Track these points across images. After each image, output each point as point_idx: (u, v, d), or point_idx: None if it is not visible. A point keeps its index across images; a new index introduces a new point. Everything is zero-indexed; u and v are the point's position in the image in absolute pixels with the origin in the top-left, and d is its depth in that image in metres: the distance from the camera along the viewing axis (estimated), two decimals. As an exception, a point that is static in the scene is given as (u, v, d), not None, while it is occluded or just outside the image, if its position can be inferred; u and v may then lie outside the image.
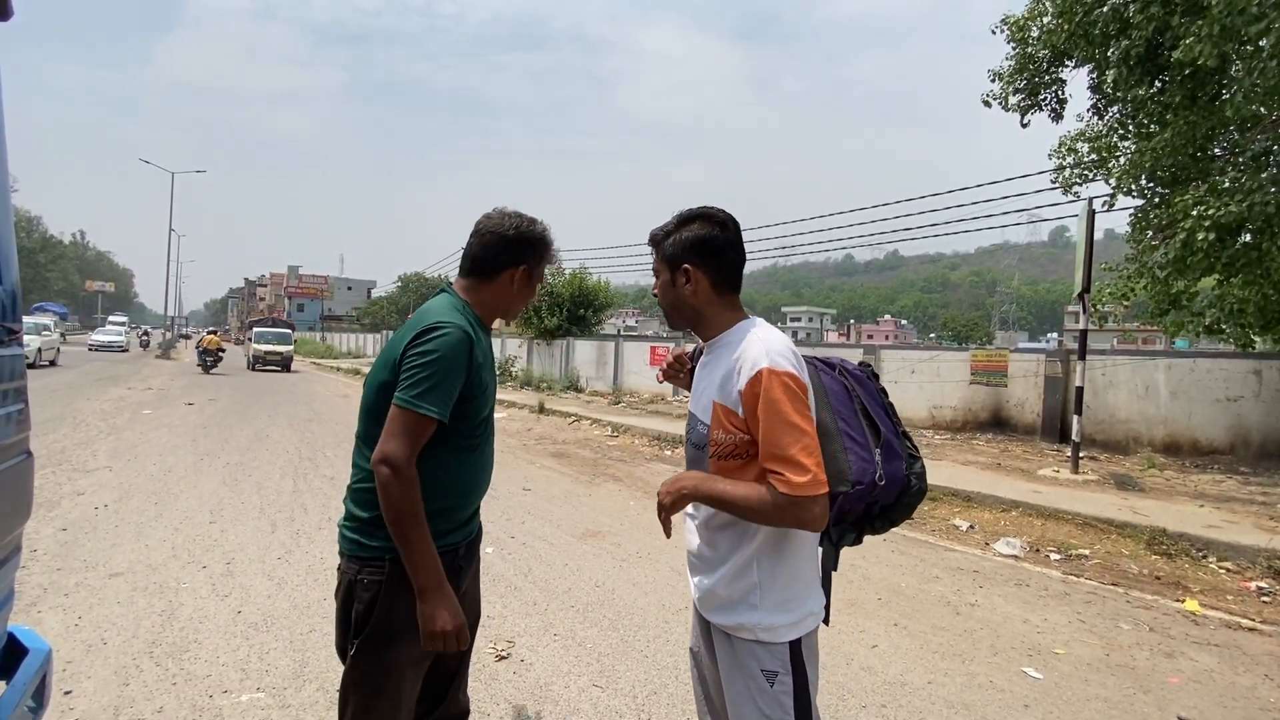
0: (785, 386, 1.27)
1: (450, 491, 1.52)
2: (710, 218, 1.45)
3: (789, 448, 1.23)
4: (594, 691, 2.70)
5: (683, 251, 1.43)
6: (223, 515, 5.03)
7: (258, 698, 2.55)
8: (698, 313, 1.46)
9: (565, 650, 3.06)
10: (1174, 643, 3.44)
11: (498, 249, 1.58)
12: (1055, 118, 10.29)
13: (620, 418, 12.01)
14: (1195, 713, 2.73)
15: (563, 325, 20.55)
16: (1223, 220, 7.00)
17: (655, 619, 3.45)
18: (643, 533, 5.11)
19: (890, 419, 1.49)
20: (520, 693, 2.67)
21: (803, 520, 1.26)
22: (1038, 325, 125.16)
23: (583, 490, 6.58)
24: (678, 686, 2.75)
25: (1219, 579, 4.47)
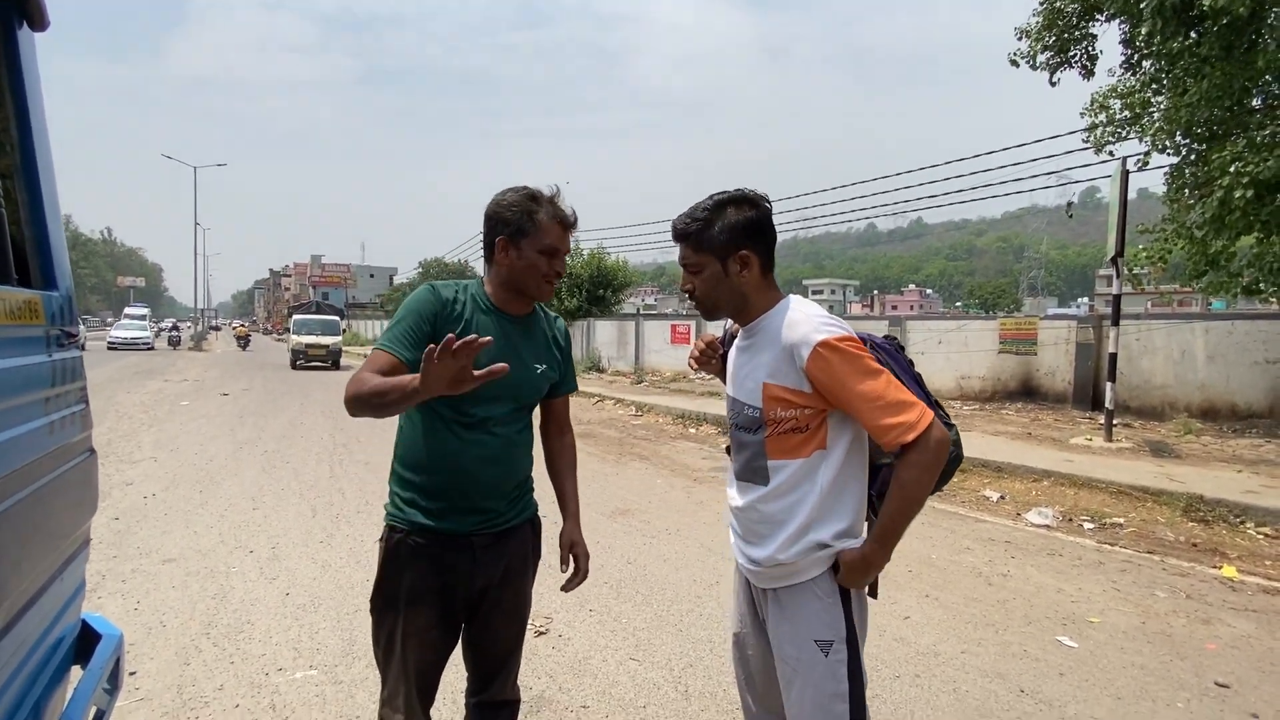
0: (849, 350, 1.31)
1: (419, 463, 1.55)
2: (747, 199, 1.43)
3: (888, 393, 1.28)
4: (631, 665, 2.78)
5: (737, 236, 1.40)
6: (264, 502, 5.20)
7: (311, 675, 2.67)
8: (745, 298, 1.44)
9: (601, 625, 3.14)
10: (1211, 609, 3.41)
11: (485, 229, 1.60)
12: (1086, 75, 9.89)
13: (643, 397, 12.07)
14: (1233, 678, 2.72)
15: (583, 306, 20.60)
16: (1261, 176, 6.73)
17: (688, 594, 3.52)
18: (671, 510, 5.18)
19: (921, 389, 1.48)
20: (560, 667, 2.76)
21: (943, 446, 1.29)
22: (1067, 290, 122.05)
23: (610, 470, 6.67)
24: (713, 659, 2.82)
25: (1257, 544, 4.40)
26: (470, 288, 1.63)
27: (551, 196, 1.59)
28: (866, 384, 1.28)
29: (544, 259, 1.56)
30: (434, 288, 1.57)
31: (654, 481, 6.19)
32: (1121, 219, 7.27)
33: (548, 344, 1.71)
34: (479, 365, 1.47)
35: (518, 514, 1.68)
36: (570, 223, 1.61)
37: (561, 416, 1.84)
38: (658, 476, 6.40)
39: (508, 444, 1.60)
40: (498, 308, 1.61)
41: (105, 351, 26.23)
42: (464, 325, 1.54)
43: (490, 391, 1.53)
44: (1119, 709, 2.50)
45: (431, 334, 1.51)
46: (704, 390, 13.06)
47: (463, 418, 1.54)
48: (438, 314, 1.53)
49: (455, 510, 1.56)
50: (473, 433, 1.55)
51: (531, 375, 1.64)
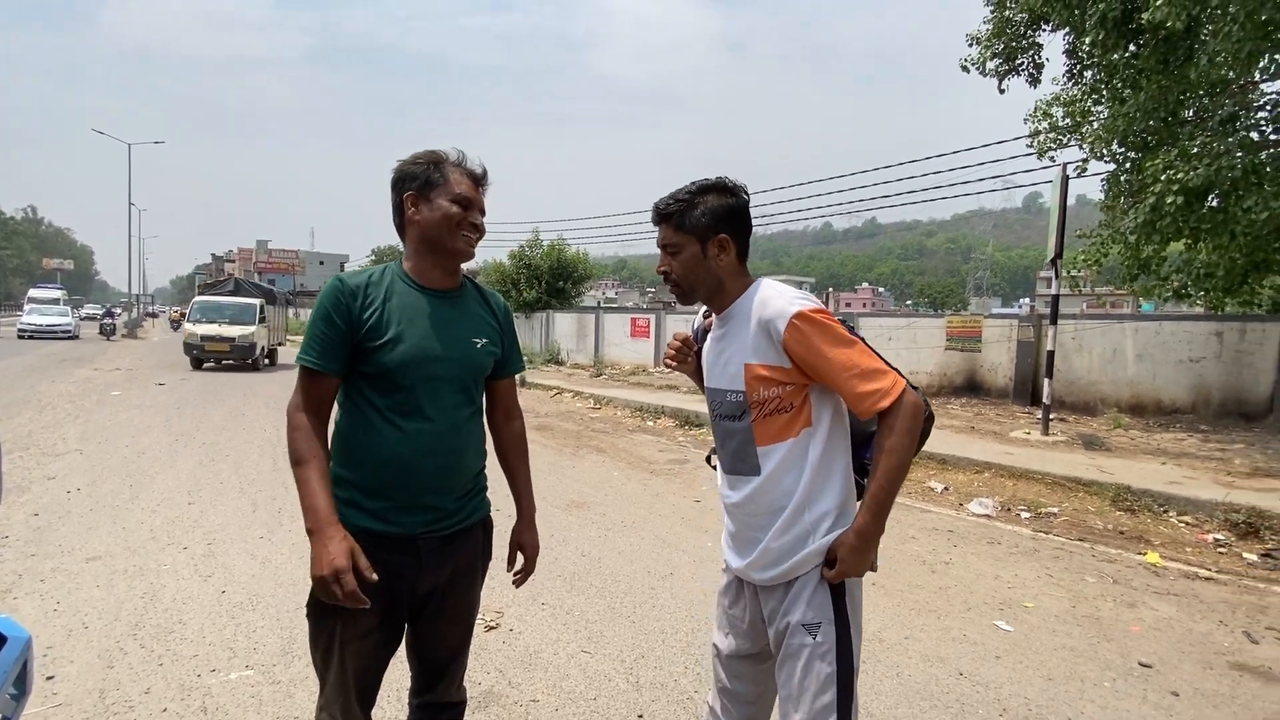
0: (821, 319, 1.33)
1: (357, 460, 1.46)
2: (729, 188, 1.47)
3: (862, 361, 1.30)
4: (583, 657, 2.76)
5: (716, 221, 1.44)
6: (201, 496, 4.96)
7: (247, 675, 2.56)
8: (720, 282, 1.47)
9: (553, 619, 3.11)
10: (1136, 593, 3.60)
11: (392, 194, 1.53)
12: (1032, 82, 10.29)
13: (602, 390, 12.04)
14: (1155, 658, 2.88)
15: (541, 298, 20.40)
16: (1191, 184, 7.12)
17: (642, 586, 3.52)
18: (627, 503, 5.17)
19: None
20: (510, 661, 2.72)
21: (918, 408, 1.31)
22: (1010, 291, 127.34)
23: (567, 462, 6.62)
24: (665, 650, 2.83)
25: (1179, 532, 4.68)
26: (390, 268, 1.54)
27: (459, 157, 1.54)
28: (842, 352, 1.30)
29: (457, 208, 1.48)
30: (341, 280, 1.47)
31: (610, 474, 6.17)
32: (1061, 223, 7.59)
33: (484, 319, 1.62)
34: (402, 338, 1.44)
35: (469, 514, 1.59)
36: (480, 176, 1.55)
37: (508, 400, 1.76)
38: (614, 469, 6.39)
39: (454, 432, 1.50)
40: (421, 283, 1.52)
41: (18, 340, 22.97)
42: (384, 308, 1.45)
43: (429, 372, 1.47)
44: (1050, 689, 2.61)
45: (348, 331, 1.43)
46: (662, 384, 13.11)
47: (401, 405, 1.45)
48: (349, 308, 1.43)
49: (399, 509, 1.46)
50: (413, 421, 1.45)
51: (471, 351, 1.54)
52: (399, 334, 1.45)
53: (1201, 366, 8.91)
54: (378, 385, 1.46)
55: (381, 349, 1.43)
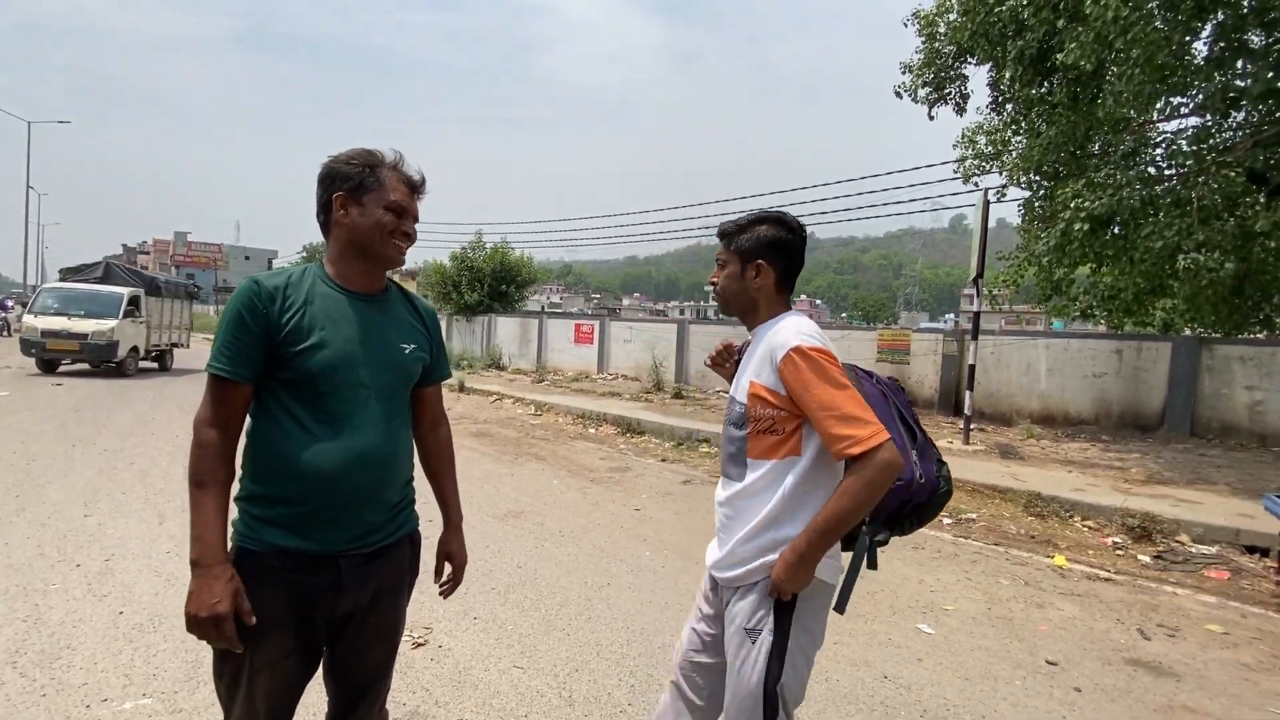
0: (817, 358, 1.40)
1: (275, 473, 1.35)
2: (784, 222, 1.60)
3: (843, 405, 1.35)
4: (515, 673, 2.69)
5: (759, 247, 1.57)
6: (99, 508, 4.58)
7: (144, 704, 2.36)
8: (755, 303, 1.59)
9: (485, 633, 3.02)
10: (1044, 594, 3.83)
11: (319, 195, 1.44)
12: (959, 111, 10.92)
13: (544, 396, 11.89)
14: (1060, 656, 3.06)
15: (484, 301, 20.01)
16: (1096, 212, 7.71)
17: (578, 597, 3.47)
18: (566, 512, 5.11)
19: (917, 428, 1.59)
20: (438, 680, 2.62)
21: (890, 468, 1.32)
22: (938, 306, 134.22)
23: (505, 470, 6.49)
24: (600, 663, 2.79)
25: (1083, 535, 5.02)
26: (310, 269, 1.46)
27: (396, 160, 1.48)
28: (827, 391, 1.36)
29: (391, 216, 1.42)
30: (256, 281, 1.38)
31: (550, 482, 6.09)
32: (982, 244, 8.05)
33: (412, 324, 1.56)
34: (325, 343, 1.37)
35: (396, 529, 1.52)
36: (417, 184, 1.49)
37: (435, 407, 1.69)
38: (554, 477, 6.31)
39: (381, 442, 1.42)
40: (344, 286, 1.45)
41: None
42: (305, 311, 1.37)
43: (354, 379, 1.39)
44: (966, 689, 2.74)
45: (263, 336, 1.34)
46: (605, 390, 13.08)
47: (323, 414, 1.37)
48: (266, 311, 1.34)
49: (321, 526, 1.37)
50: (337, 431, 1.37)
51: (400, 356, 1.48)
52: (322, 339, 1.37)
53: (1104, 381, 9.63)
54: (298, 393, 1.37)
55: (303, 354, 1.35)
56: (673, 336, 14.73)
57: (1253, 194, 7.51)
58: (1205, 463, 7.32)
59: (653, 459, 7.49)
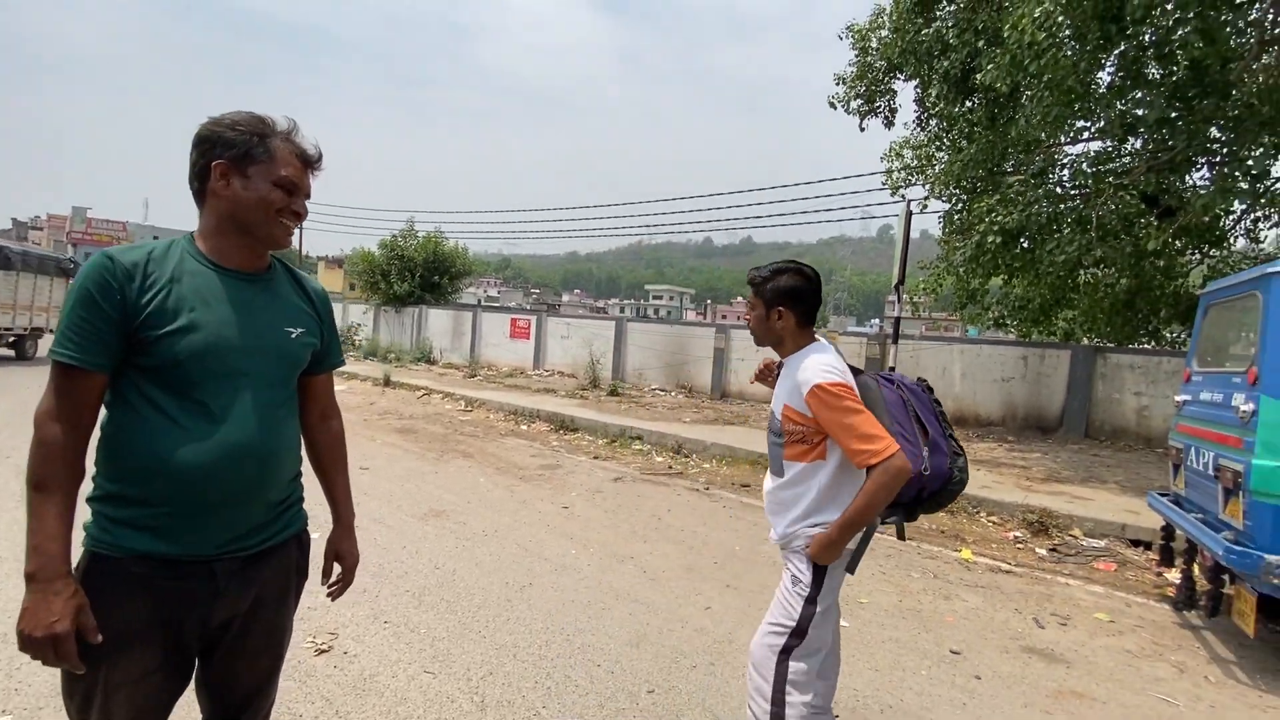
0: (836, 391, 1.75)
1: (137, 470, 1.21)
2: (802, 273, 1.93)
3: (860, 426, 1.72)
4: (425, 678, 2.57)
5: (778, 297, 1.92)
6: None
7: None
8: (781, 339, 1.96)
9: (396, 638, 2.88)
10: (951, 587, 4.02)
11: (194, 159, 1.28)
12: (888, 124, 11.40)
13: (476, 392, 11.59)
14: (964, 646, 3.21)
15: (415, 292, 19.31)
16: (1008, 226, 8.21)
17: (498, 598, 3.37)
18: (491, 511, 4.97)
19: (940, 423, 1.96)
20: (340, 688, 2.47)
21: (901, 474, 1.69)
22: (864, 311, 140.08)
23: (429, 467, 6.25)
24: (515, 665, 2.71)
25: (988, 530, 5.31)
26: (179, 243, 1.31)
27: (289, 129, 1.33)
28: (844, 420, 1.74)
29: (280, 193, 1.29)
30: (110, 256, 1.22)
31: (476, 480, 5.91)
32: (904, 253, 8.41)
33: (299, 306, 1.43)
34: (195, 326, 1.23)
35: (280, 530, 1.40)
36: (313, 160, 1.36)
37: (325, 398, 1.57)
38: (481, 475, 6.13)
39: (263, 436, 1.29)
40: (219, 263, 1.30)
41: None
42: (171, 290, 1.22)
43: (230, 366, 1.26)
44: (875, 679, 2.82)
45: (119, 319, 1.18)
46: (540, 387, 12.88)
47: (194, 405, 1.23)
48: (122, 290, 1.19)
49: (191, 528, 1.24)
50: (210, 424, 1.24)
51: (284, 342, 1.35)
52: (192, 321, 1.22)
53: (1011, 385, 10.27)
54: (163, 381, 1.22)
55: (168, 338, 1.20)
56: (611, 334, 14.68)
57: (1146, 215, 8.18)
58: (1098, 462, 7.91)
59: (585, 456, 7.41)
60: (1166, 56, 7.18)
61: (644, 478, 6.51)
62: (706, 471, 6.94)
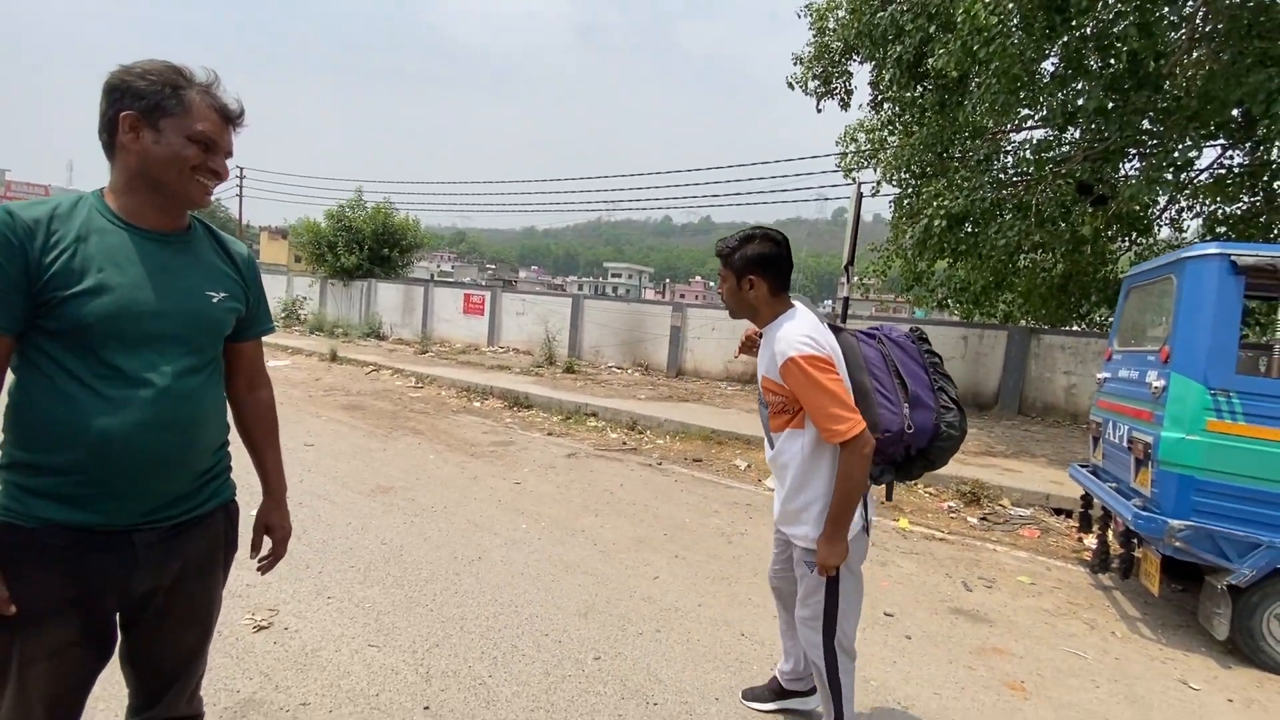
0: (810, 366, 1.76)
1: (46, 437, 1.17)
2: (769, 238, 1.92)
3: (827, 405, 1.75)
4: (369, 652, 2.55)
5: (748, 266, 1.91)
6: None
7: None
8: (755, 309, 1.94)
9: (339, 613, 2.84)
10: (888, 554, 4.20)
11: (103, 109, 1.20)
12: (843, 106, 11.50)
13: (427, 368, 11.35)
14: (897, 609, 3.38)
15: (363, 265, 18.68)
16: (953, 211, 8.47)
17: (445, 572, 3.35)
18: (440, 487, 4.92)
19: (929, 375, 1.96)
20: (280, 663, 2.42)
21: (864, 450, 1.74)
22: (819, 292, 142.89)
23: (377, 444, 6.12)
24: (462, 636, 2.71)
25: (924, 501, 5.57)
26: (86, 200, 1.24)
27: (209, 81, 1.26)
28: (815, 395, 1.76)
29: (195, 149, 1.22)
30: (9, 212, 1.14)
31: (426, 457, 5.83)
32: (854, 235, 8.59)
33: (220, 269, 1.36)
34: (104, 288, 1.16)
35: (205, 500, 1.36)
36: (234, 115, 1.29)
37: (254, 366, 1.52)
38: (431, 451, 6.04)
39: (181, 402, 1.25)
40: (130, 222, 1.24)
41: None
42: (77, 250, 1.16)
43: (144, 330, 1.20)
44: (815, 643, 2.94)
45: (20, 279, 1.12)
46: (495, 364, 12.71)
47: (106, 370, 1.18)
48: (23, 247, 1.12)
49: (107, 497, 1.20)
50: (124, 389, 1.19)
51: (205, 306, 1.29)
52: (100, 283, 1.16)
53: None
54: (71, 346, 1.17)
55: (73, 301, 1.14)
56: (568, 311, 14.56)
57: (1081, 203, 8.56)
58: (1028, 437, 8.36)
59: (539, 433, 7.39)
60: (1106, 48, 7.46)
61: (597, 453, 6.54)
62: (660, 447, 7.02)
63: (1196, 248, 3.27)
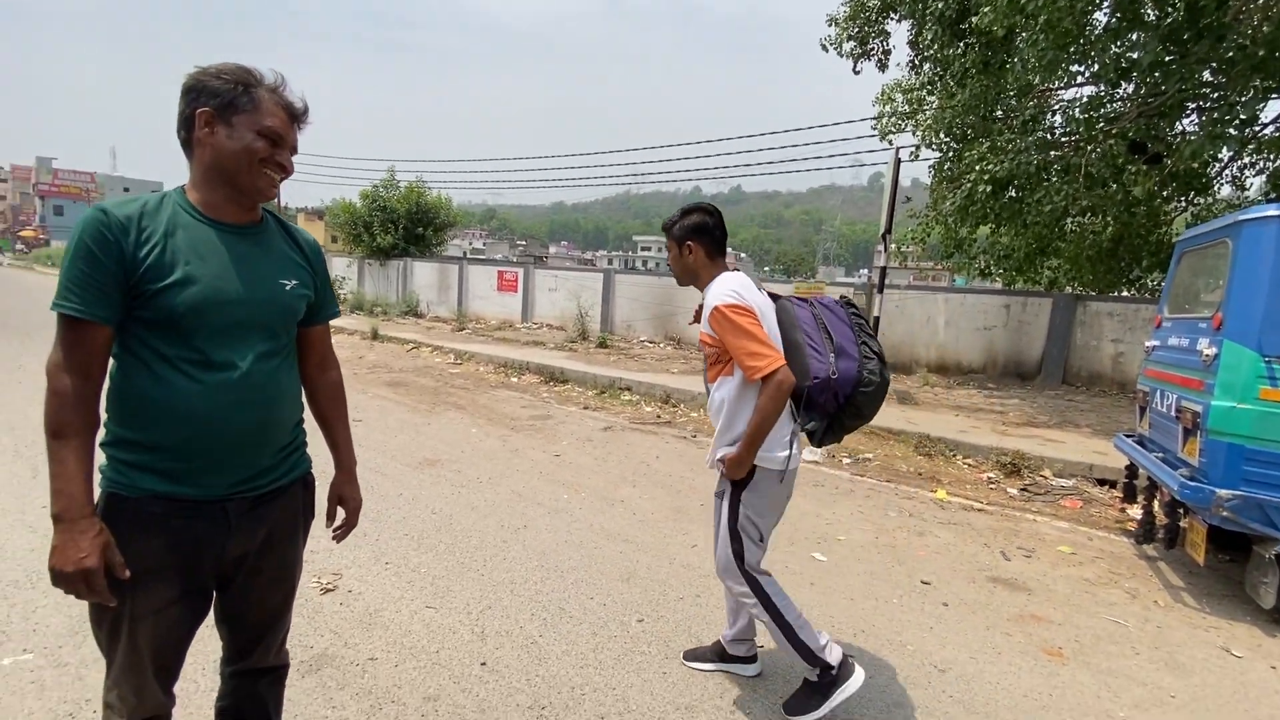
0: (731, 313, 1.99)
1: (148, 418, 1.28)
2: (702, 209, 2.21)
3: (747, 345, 1.97)
4: (426, 613, 2.72)
5: (685, 234, 2.19)
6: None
7: (25, 659, 2.24)
8: (696, 274, 2.20)
9: (397, 577, 3.03)
10: (925, 524, 4.23)
11: (181, 109, 1.30)
12: (881, 68, 11.13)
13: (465, 345, 11.61)
14: (934, 577, 3.42)
15: (398, 244, 19.00)
16: (998, 175, 8.19)
17: (494, 540, 3.52)
18: (484, 459, 5.10)
19: (855, 333, 2.15)
20: (347, 622, 2.61)
21: (782, 386, 1.94)
22: (854, 261, 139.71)
23: (421, 419, 6.35)
24: (513, 600, 2.87)
25: (963, 472, 5.54)
26: (170, 197, 1.33)
27: (276, 81, 1.35)
28: (736, 338, 1.99)
29: (263, 143, 1.31)
30: (105, 210, 1.23)
31: (469, 431, 6.03)
32: (892, 202, 8.39)
33: (291, 258, 1.47)
34: (193, 279, 1.27)
35: (285, 472, 1.48)
36: (298, 112, 1.38)
37: (323, 349, 1.62)
38: (473, 426, 6.24)
39: (265, 385, 1.37)
40: (210, 216, 1.33)
41: None
42: (166, 244, 1.26)
43: (229, 317, 1.31)
44: (850, 608, 3.02)
45: (119, 272, 1.21)
46: (529, 340, 12.92)
47: (196, 355, 1.29)
48: (120, 244, 1.22)
49: (202, 471, 1.32)
50: (213, 373, 1.30)
51: (280, 294, 1.40)
52: (188, 274, 1.26)
53: (992, 334, 10.45)
54: (164, 333, 1.27)
55: (167, 292, 1.24)
56: (599, 286, 14.63)
57: (1134, 163, 8.18)
58: (1072, 407, 8.17)
59: (575, 407, 7.54)
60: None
61: (633, 427, 6.66)
62: (694, 420, 7.10)
63: (1254, 210, 3.15)
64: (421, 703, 2.16)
